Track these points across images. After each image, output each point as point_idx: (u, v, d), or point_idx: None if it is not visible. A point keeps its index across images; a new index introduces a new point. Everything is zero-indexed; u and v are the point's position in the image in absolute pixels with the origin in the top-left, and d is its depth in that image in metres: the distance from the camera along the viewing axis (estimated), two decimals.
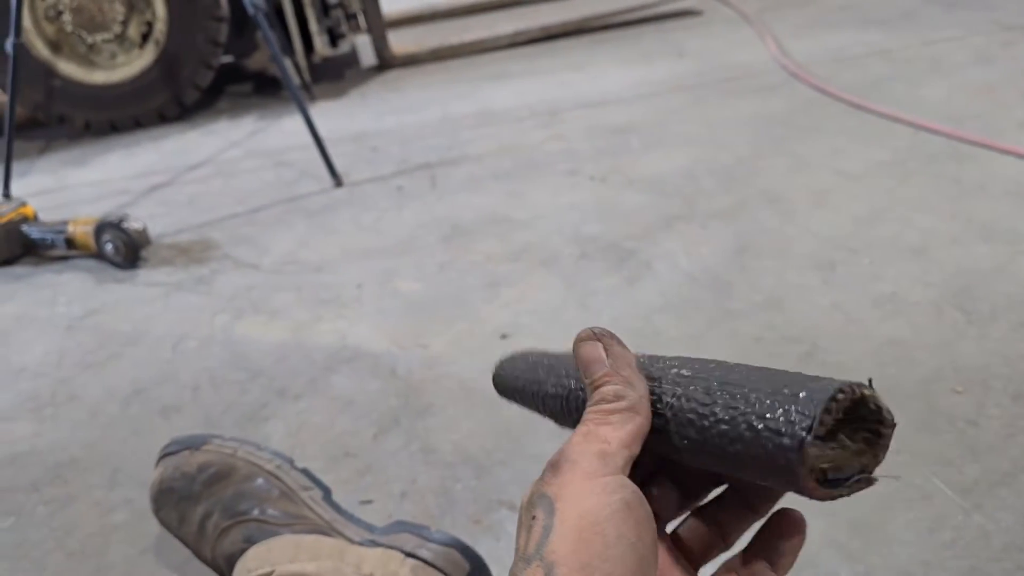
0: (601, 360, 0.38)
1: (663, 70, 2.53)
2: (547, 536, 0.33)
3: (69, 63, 2.65)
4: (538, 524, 0.34)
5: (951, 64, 2.19)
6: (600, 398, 0.37)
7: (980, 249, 1.30)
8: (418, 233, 1.64)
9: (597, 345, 0.39)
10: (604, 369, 0.38)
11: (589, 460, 0.35)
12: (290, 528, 0.80)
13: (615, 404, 0.37)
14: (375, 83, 2.93)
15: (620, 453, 0.35)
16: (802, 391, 0.33)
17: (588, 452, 0.35)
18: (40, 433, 1.17)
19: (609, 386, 0.37)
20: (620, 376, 0.38)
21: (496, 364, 0.53)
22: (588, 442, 0.36)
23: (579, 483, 0.34)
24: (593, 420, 0.37)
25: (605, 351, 0.38)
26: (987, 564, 0.77)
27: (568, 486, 0.34)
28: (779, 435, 0.33)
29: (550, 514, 0.34)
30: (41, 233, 1.73)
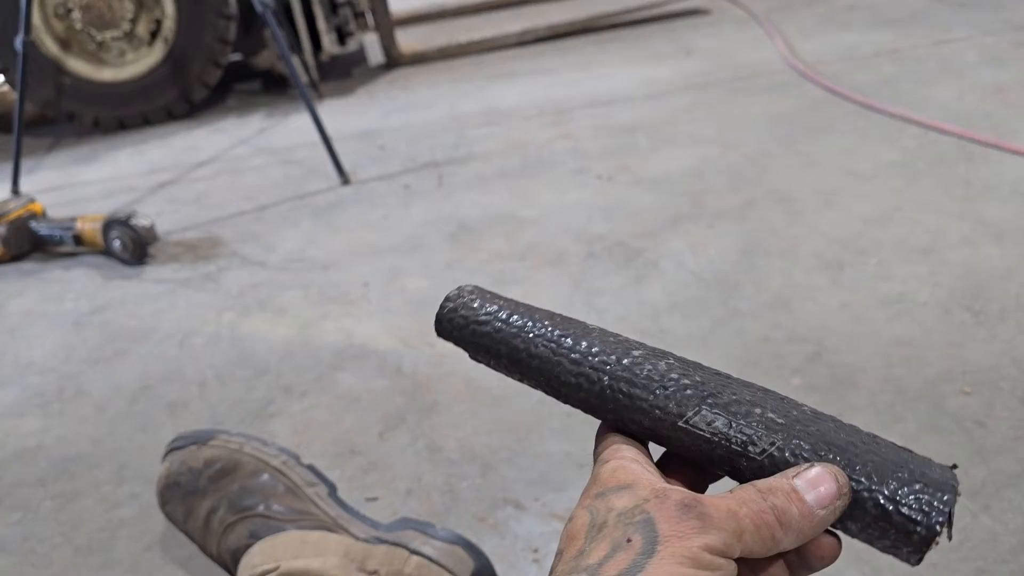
0: (823, 502, 0.33)
1: (671, 69, 2.52)
2: (635, 574, 0.30)
3: (78, 60, 2.66)
4: (630, 552, 0.31)
5: (961, 64, 2.18)
6: (782, 503, 0.33)
7: (990, 250, 1.29)
8: (425, 231, 1.64)
9: (835, 497, 0.34)
10: (814, 502, 0.33)
11: (715, 540, 0.31)
12: (295, 524, 0.80)
13: (777, 529, 0.33)
14: (382, 81, 2.93)
15: (742, 549, 0.32)
16: (922, 475, 0.34)
17: (721, 532, 0.32)
18: (47, 428, 1.18)
19: (795, 513, 0.33)
20: (810, 527, 0.33)
21: (447, 302, 0.46)
22: (728, 522, 0.32)
23: (696, 542, 0.31)
24: (750, 506, 0.33)
25: (831, 510, 0.34)
26: (995, 566, 0.77)
27: (684, 542, 0.31)
28: (913, 523, 0.33)
29: (649, 553, 0.31)
30: (49, 229, 1.73)
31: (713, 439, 0.36)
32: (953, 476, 0.35)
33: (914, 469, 0.35)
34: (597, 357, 0.40)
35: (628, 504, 0.33)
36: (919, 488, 0.34)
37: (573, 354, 0.40)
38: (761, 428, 0.36)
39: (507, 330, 0.42)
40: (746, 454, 0.36)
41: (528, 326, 0.42)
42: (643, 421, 0.38)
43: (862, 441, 0.36)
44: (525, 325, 0.42)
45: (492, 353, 0.42)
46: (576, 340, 0.41)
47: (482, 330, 0.43)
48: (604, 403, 0.39)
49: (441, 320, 0.45)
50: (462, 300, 0.45)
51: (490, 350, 0.42)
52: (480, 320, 0.43)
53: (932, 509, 0.33)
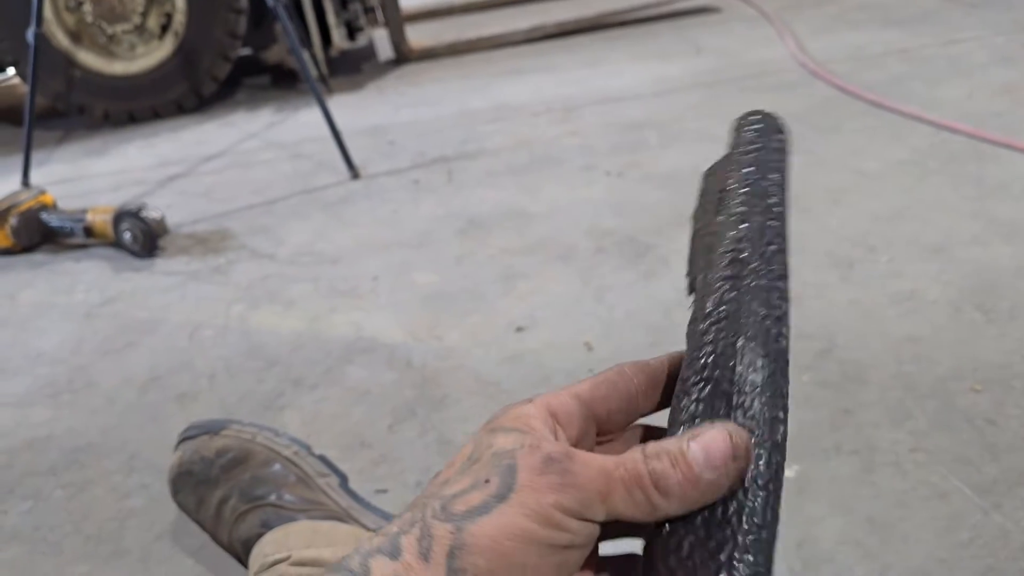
0: (712, 462, 0.30)
1: (680, 67, 2.52)
2: (480, 514, 0.29)
3: (89, 53, 2.67)
4: (484, 492, 0.30)
5: (971, 64, 2.17)
6: (659, 466, 0.31)
7: (1000, 248, 1.29)
8: (434, 226, 1.64)
9: (728, 456, 0.31)
10: (698, 466, 0.30)
11: (576, 501, 0.30)
12: (306, 514, 0.80)
13: (654, 493, 0.31)
14: (392, 77, 2.94)
15: (608, 511, 0.31)
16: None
17: (587, 492, 0.30)
18: (58, 418, 1.18)
19: (674, 480, 0.30)
20: (693, 492, 0.30)
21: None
22: (597, 482, 0.30)
23: (548, 504, 0.29)
24: (629, 467, 0.31)
25: (721, 472, 0.30)
26: (1005, 563, 0.77)
27: (538, 494, 0.30)
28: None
29: (500, 498, 0.30)
30: (60, 221, 1.74)
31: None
32: None
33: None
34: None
35: (505, 446, 0.32)
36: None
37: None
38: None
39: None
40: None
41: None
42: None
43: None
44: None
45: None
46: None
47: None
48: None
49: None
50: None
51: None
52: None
53: None
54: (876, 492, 0.86)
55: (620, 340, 1.18)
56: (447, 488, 0.31)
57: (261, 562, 0.76)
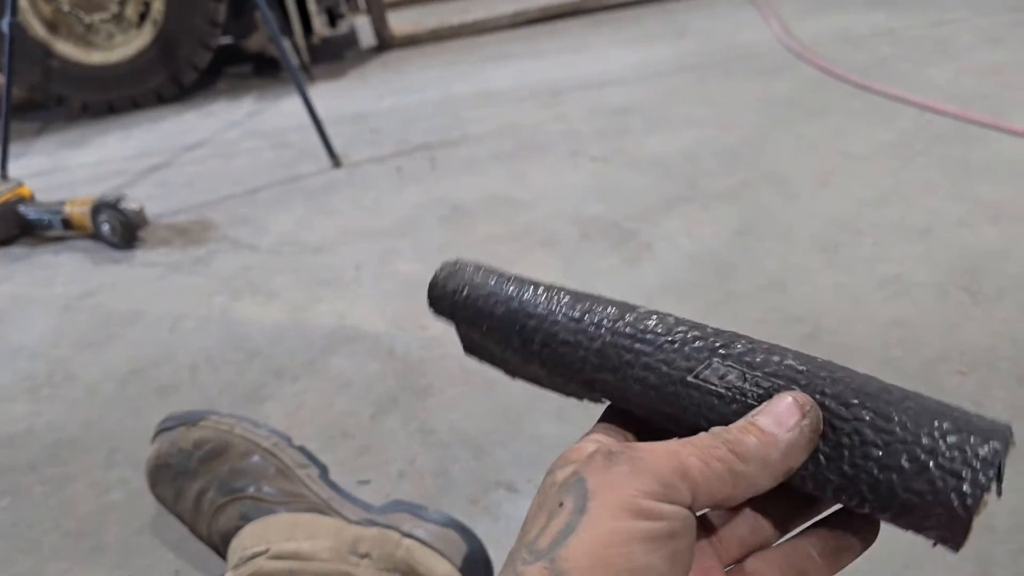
0: (782, 423, 0.30)
1: (665, 51, 2.50)
2: (566, 536, 0.28)
3: (66, 43, 2.63)
4: (562, 515, 0.28)
5: (958, 45, 2.16)
6: (734, 436, 0.30)
7: (986, 230, 1.28)
8: (418, 214, 1.62)
9: (797, 415, 0.31)
10: (772, 427, 0.30)
11: (652, 480, 0.28)
12: (286, 506, 0.79)
13: (732, 459, 0.30)
14: (375, 64, 2.91)
15: (686, 494, 0.29)
16: (971, 428, 0.29)
17: (659, 469, 0.29)
18: (37, 413, 1.16)
19: (753, 439, 0.30)
20: (772, 451, 0.30)
21: (438, 274, 0.41)
22: (668, 460, 0.29)
23: (628, 496, 0.28)
24: (696, 447, 0.30)
25: (795, 430, 0.30)
26: (992, 547, 0.76)
27: (614, 491, 0.28)
28: (957, 477, 0.28)
29: (580, 511, 0.28)
30: (38, 214, 1.71)
31: (727, 395, 0.32)
32: (1006, 428, 0.29)
33: (958, 418, 0.29)
34: (598, 315, 0.36)
35: (567, 473, 0.30)
36: (963, 438, 0.29)
37: (572, 311, 0.36)
38: (780, 379, 0.32)
39: (503, 293, 0.39)
40: None
41: (528, 291, 0.38)
42: (648, 379, 0.34)
43: (897, 390, 0.31)
44: (524, 289, 0.38)
45: (485, 318, 0.39)
46: (576, 300, 0.37)
47: (476, 294, 0.39)
48: (605, 363, 0.35)
49: (435, 286, 0.41)
50: (458, 270, 0.41)
51: (482, 315, 0.39)
52: (476, 285, 0.39)
53: (982, 463, 0.28)
54: None
55: None
56: (527, 536, 0.29)
57: (240, 555, 0.75)
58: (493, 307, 0.38)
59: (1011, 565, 0.74)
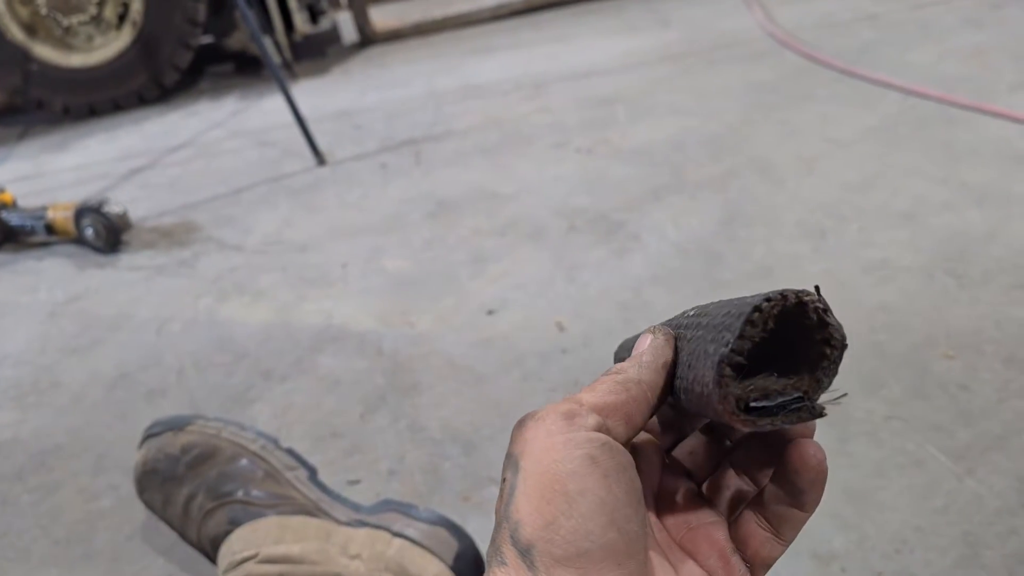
0: (641, 345, 0.37)
1: (649, 40, 2.50)
2: (512, 495, 0.32)
3: (45, 46, 2.61)
4: (506, 485, 0.33)
5: (940, 28, 2.17)
6: (605, 371, 0.36)
7: (971, 213, 1.28)
8: (403, 210, 1.61)
9: (651, 336, 0.37)
10: (638, 351, 0.37)
11: (554, 418, 0.33)
12: (275, 509, 0.79)
13: (611, 375, 0.35)
14: (358, 59, 2.89)
15: (590, 416, 0.33)
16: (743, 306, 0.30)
17: (555, 411, 0.34)
18: (24, 420, 1.16)
19: (625, 363, 0.36)
20: (640, 356, 0.36)
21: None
22: (560, 403, 0.34)
23: (541, 439, 0.33)
24: (583, 389, 0.35)
25: (651, 341, 0.37)
26: (980, 528, 0.77)
27: (531, 443, 0.33)
28: (708, 356, 0.31)
29: (515, 473, 0.33)
30: (20, 220, 1.70)
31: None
32: (763, 295, 0.31)
33: (736, 303, 0.32)
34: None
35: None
36: (731, 320, 0.31)
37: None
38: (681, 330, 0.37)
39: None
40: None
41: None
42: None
43: (736, 302, 0.34)
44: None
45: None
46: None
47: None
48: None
49: None
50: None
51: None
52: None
53: (726, 333, 0.30)
54: (852, 462, 0.86)
55: (592, 319, 1.17)
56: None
57: (229, 560, 0.75)
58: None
59: (999, 546, 0.75)
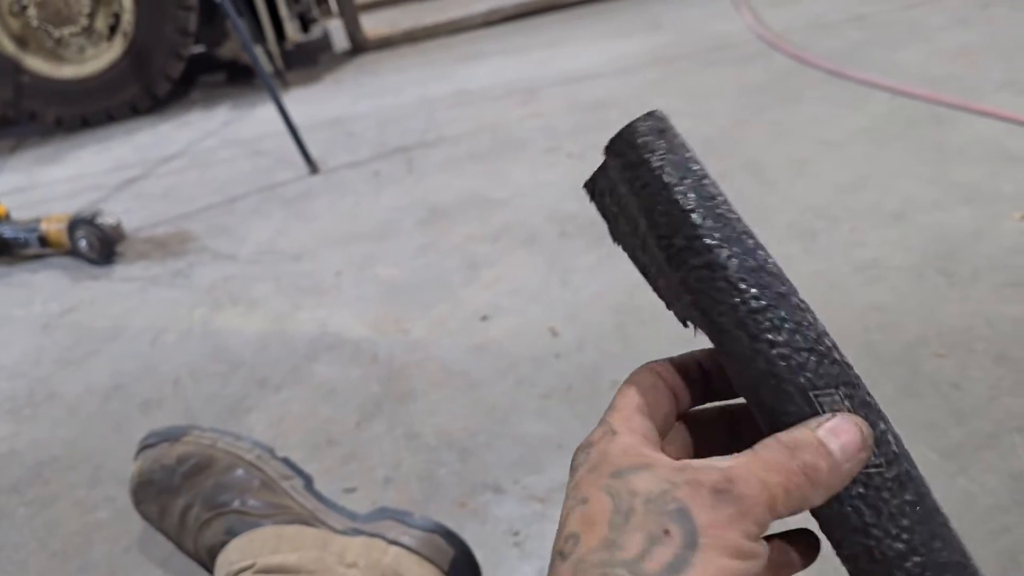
0: (848, 448, 0.32)
1: (640, 44, 2.51)
2: (678, 571, 0.29)
3: (36, 58, 2.61)
4: (671, 546, 0.29)
5: (928, 28, 2.18)
6: (810, 457, 0.32)
7: (961, 212, 1.29)
8: (396, 217, 1.62)
9: (861, 440, 0.33)
10: (838, 448, 0.32)
11: (752, 522, 0.30)
12: (272, 519, 0.79)
13: (810, 475, 0.31)
14: (349, 67, 2.90)
15: (769, 518, 0.31)
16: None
17: (756, 509, 0.30)
18: (19, 433, 1.16)
19: (824, 461, 0.32)
20: (844, 470, 0.32)
21: (639, 123, 0.37)
22: (762, 493, 0.31)
23: (734, 537, 0.30)
24: (777, 470, 0.31)
25: (860, 448, 0.32)
26: (973, 527, 0.77)
27: (722, 531, 0.30)
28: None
29: (691, 547, 0.29)
30: (14, 232, 1.70)
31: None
32: None
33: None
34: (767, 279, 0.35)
35: (654, 489, 0.31)
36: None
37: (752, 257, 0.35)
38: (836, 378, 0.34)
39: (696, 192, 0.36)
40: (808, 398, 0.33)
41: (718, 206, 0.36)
42: (776, 366, 0.34)
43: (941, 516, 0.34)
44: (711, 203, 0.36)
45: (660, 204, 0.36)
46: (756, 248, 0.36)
47: (670, 172, 0.36)
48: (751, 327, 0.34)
49: (632, 133, 0.37)
50: (665, 131, 0.37)
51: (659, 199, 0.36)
52: (674, 162, 0.36)
53: None
54: None
55: (585, 323, 1.17)
56: (620, 552, 0.30)
57: (227, 570, 0.75)
58: (678, 197, 0.35)
59: (992, 544, 0.75)
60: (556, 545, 0.32)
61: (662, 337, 1.10)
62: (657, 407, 0.36)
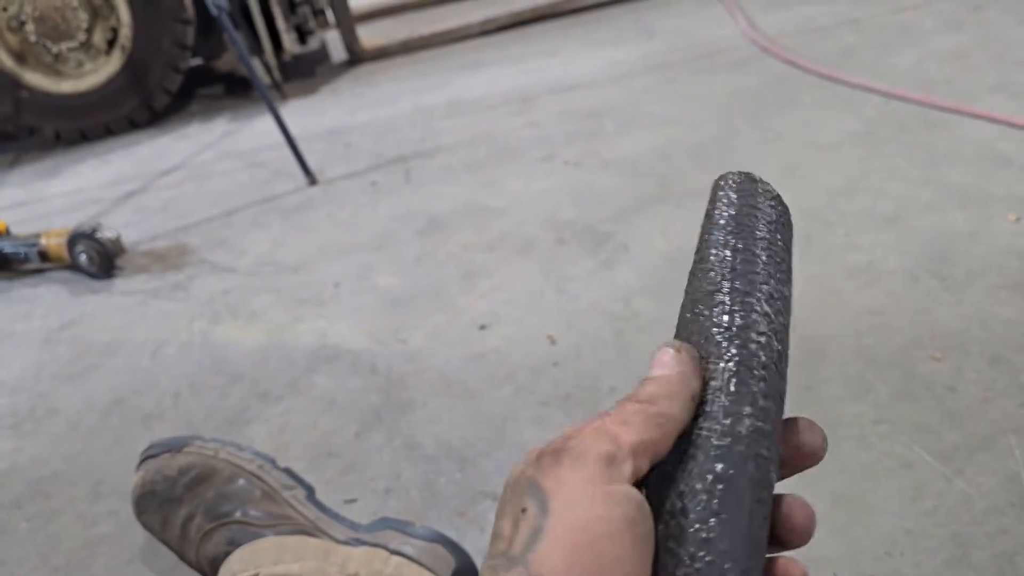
0: (667, 365, 0.34)
1: (635, 51, 2.52)
2: (536, 539, 0.29)
3: (35, 73, 2.62)
4: (528, 521, 0.30)
5: (920, 31, 2.19)
6: (634, 393, 0.34)
7: (954, 215, 1.30)
8: (394, 227, 1.63)
9: (675, 355, 0.35)
10: (662, 371, 0.34)
11: (595, 462, 0.31)
12: (273, 529, 0.80)
13: (643, 405, 0.33)
14: (346, 78, 2.91)
15: (627, 461, 0.31)
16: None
17: (596, 451, 0.31)
18: (20, 449, 1.16)
19: (651, 386, 0.34)
20: (670, 384, 0.33)
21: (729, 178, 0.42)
22: (598, 439, 0.31)
23: (580, 486, 0.30)
24: (613, 416, 0.33)
25: (678, 364, 0.34)
26: (970, 529, 0.78)
27: (567, 486, 0.30)
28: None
29: (543, 513, 0.30)
30: (14, 247, 1.71)
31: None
32: None
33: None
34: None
35: (515, 474, 0.32)
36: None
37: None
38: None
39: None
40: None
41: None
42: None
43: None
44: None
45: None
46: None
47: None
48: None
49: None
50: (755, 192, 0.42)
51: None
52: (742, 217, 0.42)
53: None
54: (841, 466, 0.87)
55: (583, 331, 1.18)
56: (499, 543, 0.31)
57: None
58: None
59: (989, 546, 0.76)
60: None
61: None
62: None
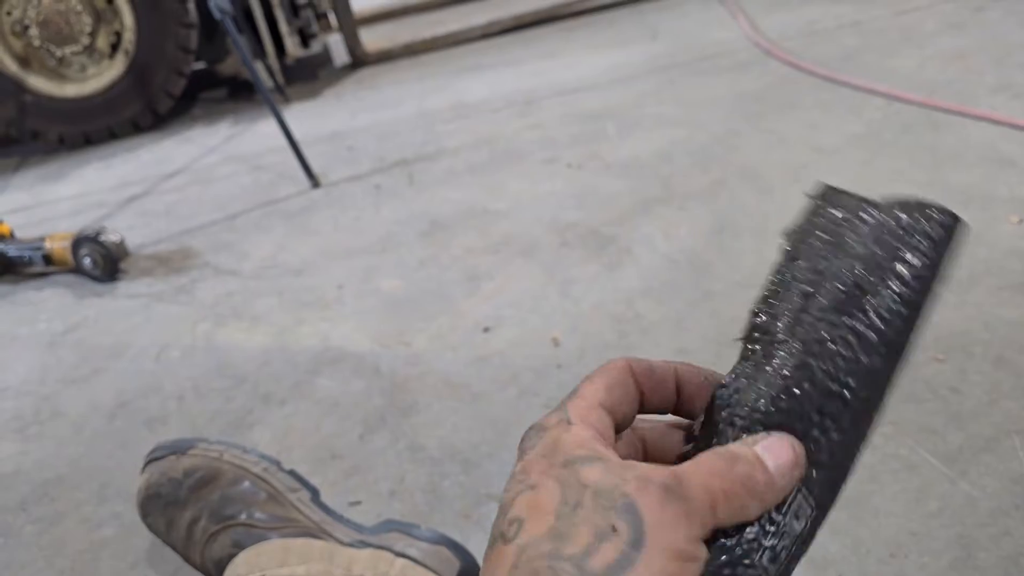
0: (792, 457, 0.33)
1: (637, 53, 2.52)
2: (622, 570, 0.28)
3: (39, 77, 2.63)
4: (616, 544, 0.29)
5: (922, 33, 2.19)
6: (748, 470, 0.32)
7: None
8: (397, 230, 1.63)
9: (795, 456, 0.33)
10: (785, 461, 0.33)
11: (701, 520, 0.30)
12: (278, 531, 0.80)
13: (744, 499, 0.32)
14: (349, 81, 2.92)
15: (710, 522, 0.31)
16: None
17: (705, 508, 0.31)
18: (25, 452, 1.16)
19: (761, 477, 0.32)
20: (785, 487, 0.33)
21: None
22: (706, 495, 0.31)
23: (679, 534, 0.30)
24: (721, 477, 0.32)
25: (798, 468, 0.33)
26: (974, 530, 0.78)
27: (669, 530, 0.29)
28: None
29: (636, 546, 0.29)
30: (18, 251, 1.71)
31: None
32: None
33: None
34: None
35: (604, 482, 0.30)
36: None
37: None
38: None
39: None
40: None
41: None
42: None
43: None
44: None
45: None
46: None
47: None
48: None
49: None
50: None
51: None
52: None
53: None
54: None
55: (586, 334, 1.18)
56: (566, 545, 0.29)
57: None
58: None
59: (994, 548, 0.76)
60: (498, 527, 0.32)
61: (663, 346, 1.11)
62: (619, 404, 0.36)
